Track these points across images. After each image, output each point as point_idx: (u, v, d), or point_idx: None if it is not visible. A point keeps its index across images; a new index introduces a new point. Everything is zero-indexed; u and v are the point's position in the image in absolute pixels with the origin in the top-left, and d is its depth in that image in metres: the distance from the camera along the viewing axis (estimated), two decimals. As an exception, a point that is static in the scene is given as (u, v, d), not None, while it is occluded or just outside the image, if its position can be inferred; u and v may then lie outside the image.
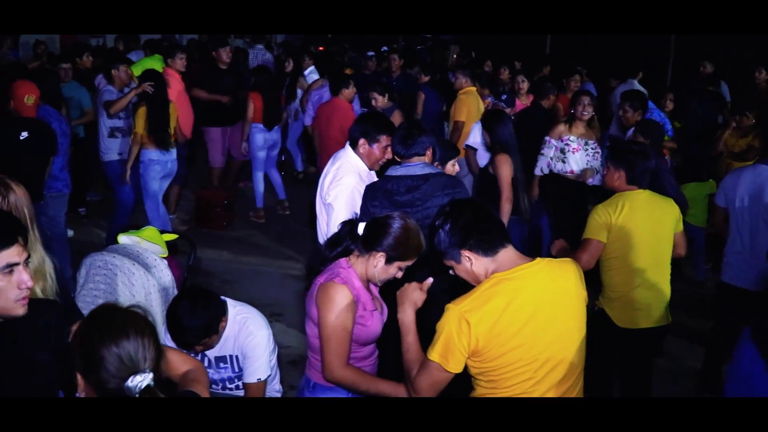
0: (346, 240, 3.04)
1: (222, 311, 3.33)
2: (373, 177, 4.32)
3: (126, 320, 1.86)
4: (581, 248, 3.97)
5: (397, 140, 4.00)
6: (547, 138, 6.36)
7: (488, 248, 2.51)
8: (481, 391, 2.55)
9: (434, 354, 2.46)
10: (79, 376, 1.84)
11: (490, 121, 5.61)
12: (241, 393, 3.48)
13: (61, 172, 5.87)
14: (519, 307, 2.44)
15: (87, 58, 8.66)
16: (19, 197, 2.69)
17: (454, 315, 2.43)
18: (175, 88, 7.30)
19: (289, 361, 5.02)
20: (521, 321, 2.43)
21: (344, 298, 2.83)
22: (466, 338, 2.41)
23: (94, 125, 7.18)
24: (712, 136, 7.31)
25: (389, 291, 3.10)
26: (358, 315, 2.90)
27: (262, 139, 8.22)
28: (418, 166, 3.91)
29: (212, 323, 3.25)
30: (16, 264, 2.03)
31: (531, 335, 2.44)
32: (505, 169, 5.28)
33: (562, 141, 6.26)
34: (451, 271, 2.66)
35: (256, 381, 3.37)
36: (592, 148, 6.26)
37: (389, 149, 4.18)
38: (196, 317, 3.18)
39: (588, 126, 6.32)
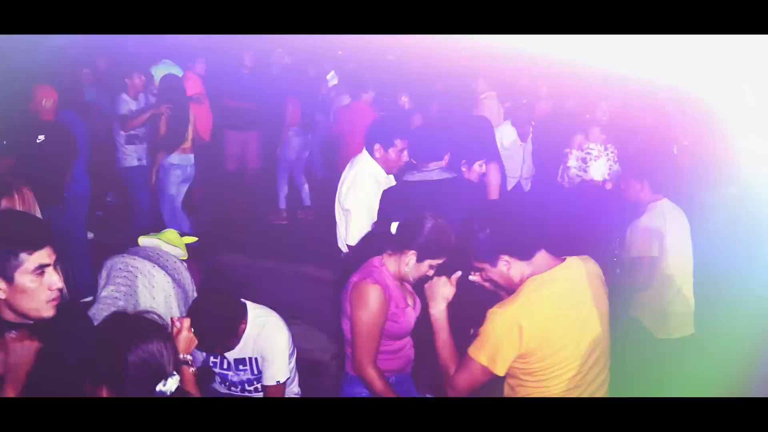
0: (378, 239, 3.09)
1: (241, 313, 3.34)
2: (391, 181, 4.30)
3: (145, 325, 1.87)
4: (638, 268, 3.85)
5: (415, 145, 3.99)
6: (566, 150, 6.34)
7: (527, 253, 2.51)
8: (528, 390, 2.53)
9: (482, 357, 2.46)
10: (104, 388, 1.84)
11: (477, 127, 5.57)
12: (260, 395, 3.49)
13: (81, 175, 5.92)
14: (564, 308, 2.46)
15: (102, 61, 8.68)
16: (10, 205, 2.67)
17: (504, 320, 2.42)
18: (196, 91, 7.34)
19: (307, 364, 5.02)
20: (568, 321, 2.45)
21: (376, 298, 2.92)
22: (517, 342, 2.41)
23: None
24: None
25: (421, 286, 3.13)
26: (391, 312, 2.98)
27: (296, 142, 8.29)
28: (435, 171, 3.89)
29: (232, 325, 3.27)
30: (47, 265, 2.05)
31: (575, 333, 2.46)
32: (495, 176, 5.14)
33: (582, 150, 6.25)
34: (475, 273, 2.65)
35: (275, 384, 3.38)
36: (612, 152, 6.25)
37: (405, 152, 4.17)
38: (216, 319, 3.19)
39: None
